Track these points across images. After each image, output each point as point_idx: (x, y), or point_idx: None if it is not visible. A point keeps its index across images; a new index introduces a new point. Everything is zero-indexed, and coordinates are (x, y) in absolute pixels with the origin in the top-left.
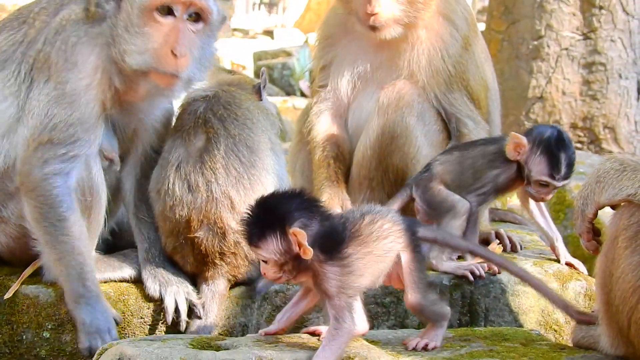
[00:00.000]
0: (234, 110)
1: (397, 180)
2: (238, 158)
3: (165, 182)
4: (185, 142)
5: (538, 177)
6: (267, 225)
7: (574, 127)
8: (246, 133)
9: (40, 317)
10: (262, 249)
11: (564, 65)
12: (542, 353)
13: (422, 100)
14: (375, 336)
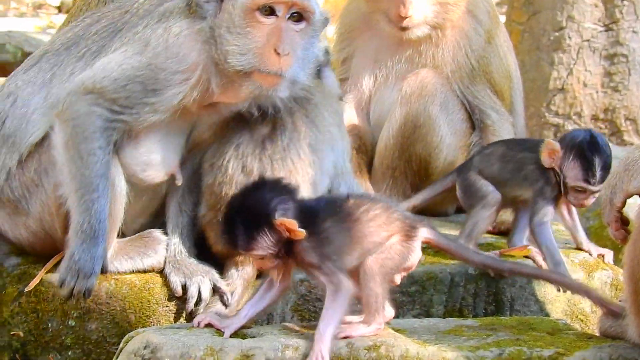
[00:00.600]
0: (304, 104)
1: (420, 169)
2: (298, 154)
3: (220, 158)
4: (250, 125)
5: (573, 183)
6: (254, 227)
7: (595, 118)
8: (312, 131)
9: (66, 305)
10: (256, 249)
11: (586, 57)
12: (569, 342)
13: (445, 89)
14: (400, 325)
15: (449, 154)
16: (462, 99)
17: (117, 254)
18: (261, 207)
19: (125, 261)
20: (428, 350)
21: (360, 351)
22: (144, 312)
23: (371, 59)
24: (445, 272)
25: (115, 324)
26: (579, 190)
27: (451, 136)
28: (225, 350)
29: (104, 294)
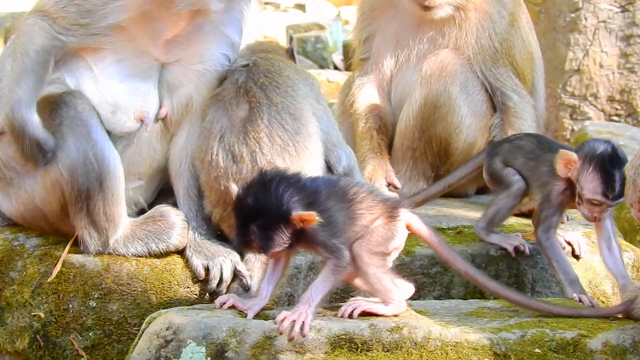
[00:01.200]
0: (275, 78)
1: (441, 150)
2: (282, 126)
3: (208, 153)
4: (228, 112)
5: (590, 196)
6: (269, 228)
7: (611, 100)
8: (288, 100)
9: (87, 286)
10: (272, 249)
11: (602, 38)
12: (591, 324)
13: (466, 70)
14: (422, 306)
15: (469, 134)
16: (484, 81)
17: (130, 236)
18: (276, 207)
19: (140, 245)
20: (450, 331)
21: (383, 332)
22: (165, 293)
23: (393, 39)
24: (467, 253)
25: (136, 305)
26: (594, 204)
27: (471, 117)
28: (247, 332)
29: (125, 274)
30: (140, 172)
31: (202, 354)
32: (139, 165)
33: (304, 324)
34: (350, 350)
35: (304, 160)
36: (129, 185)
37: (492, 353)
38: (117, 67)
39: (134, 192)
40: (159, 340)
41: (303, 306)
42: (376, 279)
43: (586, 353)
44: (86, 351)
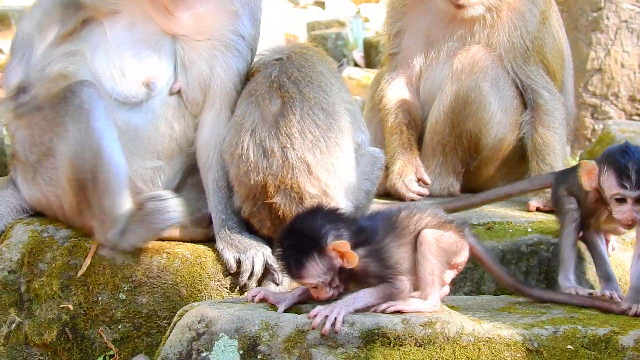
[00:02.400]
0: (309, 72)
1: (471, 146)
2: (314, 122)
3: (239, 147)
4: (260, 107)
5: (611, 193)
6: (304, 253)
7: (632, 99)
8: (321, 96)
9: (117, 278)
10: (306, 277)
11: (623, 38)
12: (623, 321)
13: (497, 66)
14: (454, 302)
15: (499, 130)
16: (515, 78)
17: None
18: (314, 232)
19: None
20: (483, 327)
21: (416, 327)
22: (195, 286)
23: (423, 35)
24: (497, 249)
25: (166, 298)
26: (618, 200)
27: (502, 113)
28: (280, 325)
29: (155, 267)
30: (159, 150)
31: (234, 347)
32: (156, 143)
33: (336, 320)
34: (382, 344)
35: (334, 156)
36: (147, 164)
37: (524, 349)
38: (128, 33)
39: (153, 172)
40: (190, 333)
41: (340, 304)
42: (430, 270)
43: (618, 350)
44: (115, 344)
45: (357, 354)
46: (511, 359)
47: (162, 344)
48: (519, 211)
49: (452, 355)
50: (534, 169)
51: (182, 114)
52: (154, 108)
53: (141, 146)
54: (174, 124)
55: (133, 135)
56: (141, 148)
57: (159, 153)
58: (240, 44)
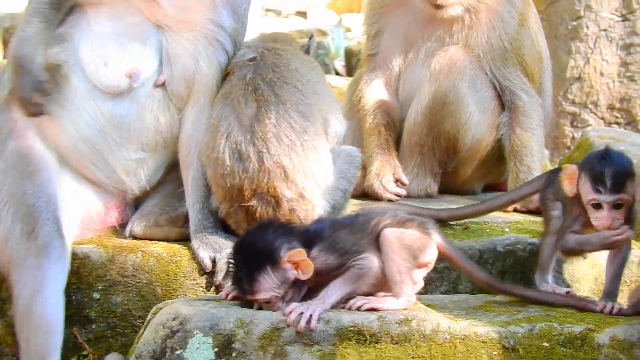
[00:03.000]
0: (283, 72)
1: (449, 146)
2: (290, 125)
3: (215, 150)
4: (236, 110)
5: (586, 199)
6: (257, 268)
7: (611, 108)
8: (297, 97)
9: (91, 277)
10: (258, 291)
11: (603, 47)
12: (599, 319)
13: (475, 67)
14: (431, 300)
15: (477, 131)
16: (493, 80)
17: None
18: (265, 246)
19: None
20: (459, 324)
21: (392, 325)
22: (170, 285)
23: (402, 36)
24: (474, 249)
25: (141, 297)
26: (595, 207)
27: (479, 114)
28: (255, 323)
29: (130, 266)
30: (143, 142)
31: (208, 344)
32: (141, 134)
33: (311, 317)
34: (358, 342)
35: (311, 159)
36: (131, 156)
37: (500, 346)
38: (112, 22)
39: (136, 164)
40: (165, 330)
41: (316, 301)
42: (396, 269)
43: (594, 347)
44: (89, 344)
45: (333, 351)
46: (487, 356)
47: (136, 342)
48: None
49: (428, 352)
50: (511, 170)
51: (168, 107)
52: (139, 99)
53: (125, 136)
54: (160, 117)
55: (117, 125)
56: (125, 138)
57: (143, 145)
58: (222, 35)
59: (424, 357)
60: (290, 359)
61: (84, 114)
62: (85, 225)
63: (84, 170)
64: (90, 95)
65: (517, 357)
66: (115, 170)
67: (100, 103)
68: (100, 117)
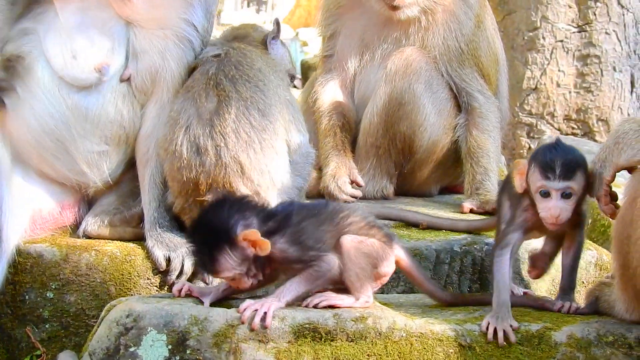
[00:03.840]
0: (246, 71)
1: (405, 148)
2: (249, 122)
3: (173, 143)
4: (196, 103)
5: (535, 187)
6: (216, 247)
7: (567, 119)
8: (258, 96)
9: (44, 276)
10: (222, 271)
11: (559, 57)
12: (556, 317)
13: (430, 68)
14: (387, 299)
15: (433, 132)
16: (449, 81)
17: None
18: (222, 225)
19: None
20: (415, 322)
21: (347, 322)
22: (124, 284)
23: (358, 37)
24: (431, 249)
25: (95, 296)
26: (544, 196)
27: (435, 115)
28: (210, 320)
29: (83, 265)
30: (107, 135)
31: (163, 341)
32: (104, 127)
33: (266, 314)
34: (314, 339)
35: (268, 157)
36: (94, 148)
37: (457, 344)
38: (80, 15)
39: (99, 156)
40: (118, 327)
41: (271, 298)
42: (355, 276)
43: (551, 345)
44: (42, 344)
45: (288, 348)
46: (443, 354)
47: (89, 339)
48: (452, 212)
49: (384, 350)
50: (468, 171)
51: (132, 102)
52: (104, 92)
53: (89, 129)
54: (123, 111)
55: (82, 117)
56: (89, 131)
57: (106, 138)
58: (193, 35)
59: (380, 354)
60: (245, 356)
61: (48, 105)
62: (38, 224)
63: (43, 164)
64: (55, 87)
65: (474, 355)
66: (77, 162)
67: (65, 95)
68: (65, 109)
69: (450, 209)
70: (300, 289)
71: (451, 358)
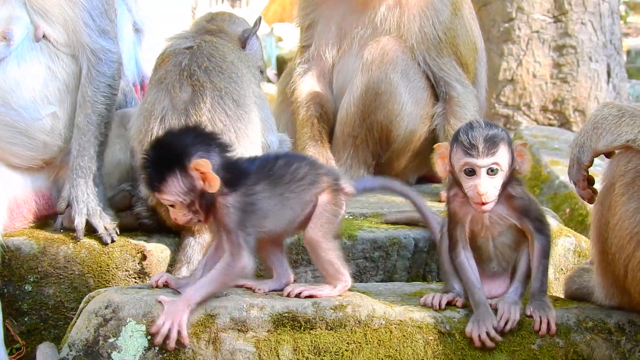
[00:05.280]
0: (219, 62)
1: (382, 137)
2: (224, 111)
3: (148, 134)
4: (170, 94)
5: (459, 165)
6: (165, 166)
7: (544, 110)
8: (232, 86)
9: (22, 269)
10: (165, 192)
11: (535, 48)
12: None
13: (407, 57)
14: (366, 288)
15: (410, 122)
16: (426, 70)
17: None
18: (180, 148)
19: None
20: (395, 310)
21: (326, 311)
22: (102, 275)
23: (335, 27)
24: (409, 238)
25: (73, 289)
26: (468, 174)
27: (412, 105)
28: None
29: (61, 257)
30: (46, 94)
31: (142, 332)
32: (41, 88)
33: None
34: (293, 328)
35: (243, 147)
36: (41, 113)
37: (436, 331)
38: None
39: (51, 120)
40: (97, 319)
41: (181, 305)
42: (330, 264)
43: (530, 332)
44: (22, 337)
45: (268, 337)
46: (423, 341)
47: (69, 331)
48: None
49: (363, 338)
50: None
51: (56, 54)
52: (24, 57)
53: (27, 97)
54: (51, 65)
55: (14, 88)
56: (28, 99)
57: (47, 98)
58: None
59: (360, 342)
60: (224, 345)
61: None
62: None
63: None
64: None
65: (454, 342)
66: (33, 135)
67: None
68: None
69: (428, 197)
70: (211, 288)
71: (431, 345)
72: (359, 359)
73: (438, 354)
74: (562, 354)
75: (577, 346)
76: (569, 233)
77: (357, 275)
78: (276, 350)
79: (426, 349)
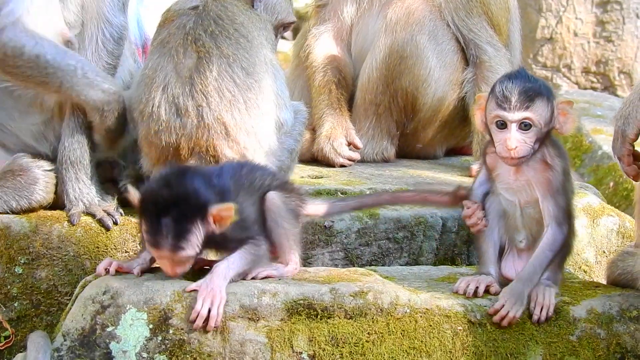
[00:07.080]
0: (227, 26)
1: (407, 105)
2: (232, 80)
3: (149, 104)
4: (174, 60)
5: (490, 117)
6: (187, 221)
7: (586, 71)
8: (241, 53)
9: (12, 250)
10: (185, 249)
11: (576, 3)
12: (575, 290)
13: (435, 17)
14: (388, 272)
15: (438, 88)
16: (455, 32)
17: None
18: (195, 198)
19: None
20: (420, 297)
21: (345, 298)
22: (100, 257)
23: None
24: (437, 217)
25: (68, 271)
26: (499, 126)
27: (441, 69)
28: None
29: (55, 237)
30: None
31: (143, 320)
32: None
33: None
34: (309, 317)
35: (254, 118)
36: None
37: (466, 321)
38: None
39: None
40: (94, 305)
41: (217, 280)
42: (285, 236)
43: (569, 321)
44: (11, 324)
45: (281, 327)
46: (451, 331)
47: (63, 319)
48: (459, 176)
49: (385, 328)
50: (476, 131)
51: None
52: None
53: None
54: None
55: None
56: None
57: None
58: None
59: (381, 332)
60: (233, 336)
61: None
62: None
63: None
64: None
65: (485, 332)
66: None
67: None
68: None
69: (457, 172)
70: (242, 265)
71: (460, 336)
72: (381, 350)
73: (467, 345)
74: (603, 346)
75: (619, 337)
76: (612, 212)
77: (379, 257)
78: (290, 340)
79: (454, 340)
